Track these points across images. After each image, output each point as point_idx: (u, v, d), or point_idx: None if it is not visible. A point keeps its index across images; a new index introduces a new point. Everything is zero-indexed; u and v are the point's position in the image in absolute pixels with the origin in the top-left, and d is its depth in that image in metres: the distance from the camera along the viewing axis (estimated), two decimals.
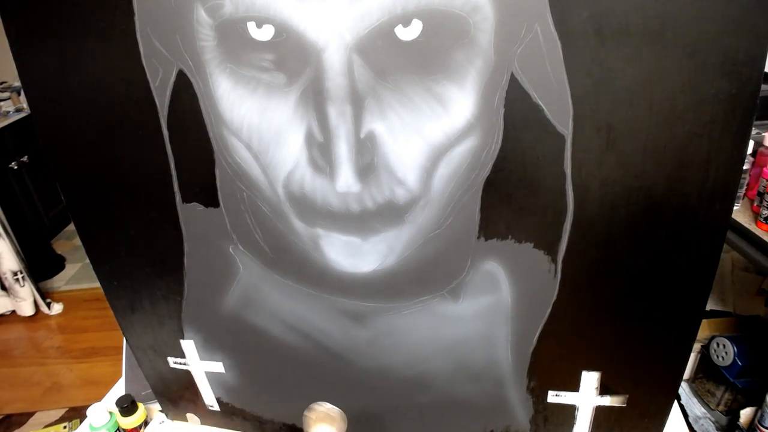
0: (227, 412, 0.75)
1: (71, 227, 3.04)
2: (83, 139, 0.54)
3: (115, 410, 0.76)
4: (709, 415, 1.36)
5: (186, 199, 0.56)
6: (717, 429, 1.33)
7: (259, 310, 0.62)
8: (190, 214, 0.57)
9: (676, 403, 0.68)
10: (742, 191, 1.17)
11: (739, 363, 1.24)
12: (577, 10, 0.39)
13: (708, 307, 1.48)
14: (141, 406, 0.77)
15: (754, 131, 1.16)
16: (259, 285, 0.60)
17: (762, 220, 1.06)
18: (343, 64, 0.43)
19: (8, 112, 2.68)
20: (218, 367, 0.70)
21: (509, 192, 0.48)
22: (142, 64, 0.48)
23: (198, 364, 0.70)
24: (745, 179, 1.16)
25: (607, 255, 0.50)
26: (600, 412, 0.61)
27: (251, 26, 0.44)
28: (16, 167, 2.56)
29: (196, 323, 0.66)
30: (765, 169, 1.07)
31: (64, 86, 0.51)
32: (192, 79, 0.48)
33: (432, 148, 0.46)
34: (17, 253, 2.24)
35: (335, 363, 0.63)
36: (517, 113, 0.44)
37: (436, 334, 0.59)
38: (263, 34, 0.44)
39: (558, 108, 0.43)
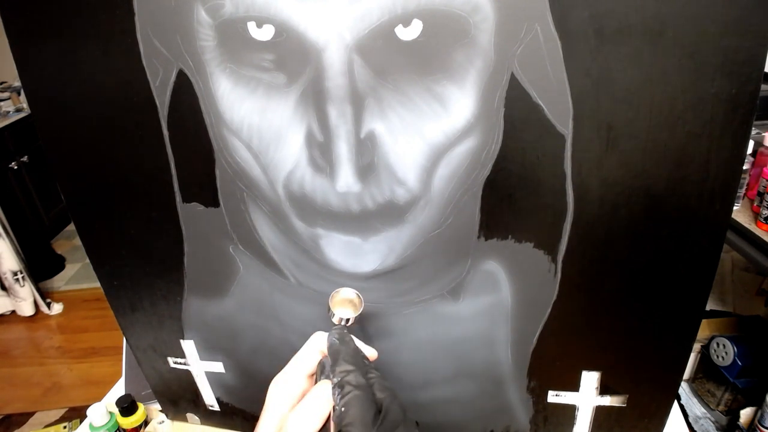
0: (227, 412, 0.75)
1: (71, 227, 3.04)
2: (83, 139, 0.55)
3: (115, 410, 0.76)
4: (709, 415, 1.36)
5: (186, 199, 0.56)
6: (717, 429, 1.33)
7: (259, 310, 0.62)
8: (190, 214, 0.57)
9: (676, 403, 0.68)
10: (742, 191, 1.17)
11: (739, 363, 1.24)
12: (577, 10, 0.39)
13: (708, 307, 1.48)
14: (141, 406, 0.77)
15: (754, 131, 1.16)
16: (259, 285, 0.60)
17: (762, 220, 1.06)
18: (343, 63, 0.43)
19: (8, 112, 2.69)
20: (218, 367, 0.70)
21: (509, 192, 0.48)
22: (142, 64, 0.48)
23: (198, 364, 0.70)
24: (745, 179, 1.16)
25: (607, 255, 0.50)
26: (600, 412, 0.61)
27: (251, 26, 0.44)
28: (16, 167, 2.56)
29: (196, 323, 0.66)
30: (765, 169, 1.07)
31: (64, 86, 0.51)
32: (192, 79, 0.48)
33: (432, 148, 0.46)
34: (17, 253, 2.24)
35: None
36: (517, 113, 0.44)
37: (436, 334, 0.59)
38: (263, 34, 0.44)
39: (558, 108, 0.43)
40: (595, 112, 0.43)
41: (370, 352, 0.47)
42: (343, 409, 0.37)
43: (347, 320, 0.49)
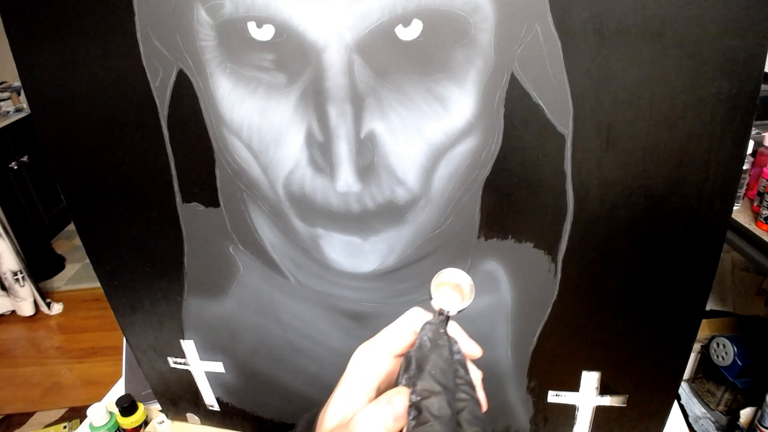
0: (227, 412, 0.75)
1: (71, 227, 3.04)
2: (83, 138, 0.55)
3: (115, 410, 0.76)
4: (709, 415, 1.36)
5: (186, 199, 0.56)
6: (717, 429, 1.33)
7: (259, 310, 0.62)
8: (190, 214, 0.57)
9: (676, 403, 0.68)
10: (742, 191, 1.17)
11: (739, 363, 1.24)
12: (577, 10, 0.39)
13: (708, 307, 1.48)
14: (141, 406, 0.77)
15: (754, 131, 1.16)
16: (259, 285, 0.60)
17: (762, 220, 1.06)
18: (343, 63, 0.43)
19: (8, 112, 2.68)
20: (218, 367, 0.70)
21: (509, 192, 0.48)
22: (142, 64, 0.48)
23: (198, 364, 0.70)
24: (745, 179, 1.16)
25: (607, 255, 0.50)
26: (600, 412, 0.61)
27: (251, 26, 0.44)
28: (16, 167, 2.56)
29: (196, 323, 0.66)
30: (765, 169, 1.07)
31: (64, 86, 0.51)
32: (192, 79, 0.48)
33: (432, 147, 0.46)
34: (17, 253, 2.24)
35: (336, 363, 0.63)
36: (517, 113, 0.44)
37: None
38: (263, 34, 0.44)
39: (558, 108, 0.43)
40: (595, 112, 0.43)
41: (473, 350, 0.37)
42: None
43: (448, 312, 0.37)
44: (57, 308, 2.38)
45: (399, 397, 0.32)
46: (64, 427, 1.72)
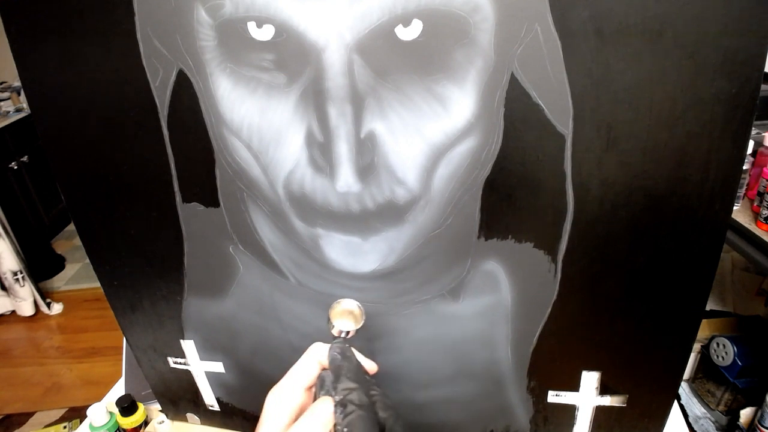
0: (227, 412, 0.75)
1: (71, 227, 3.04)
2: (83, 139, 0.55)
3: (115, 410, 0.76)
4: (709, 415, 1.36)
5: (186, 199, 0.56)
6: (717, 429, 1.33)
7: (259, 310, 0.62)
8: (190, 214, 0.57)
9: (676, 403, 0.68)
10: (742, 191, 1.17)
11: (739, 363, 1.24)
12: (577, 10, 0.39)
13: (708, 307, 1.48)
14: (141, 406, 0.77)
15: (754, 131, 1.16)
16: (259, 285, 0.60)
17: (762, 220, 1.06)
18: (343, 64, 0.43)
19: (8, 112, 2.69)
20: (218, 367, 0.70)
21: (509, 192, 0.48)
22: (142, 64, 0.49)
23: (198, 364, 0.70)
24: (745, 179, 1.16)
25: (607, 255, 0.50)
26: (600, 412, 0.61)
27: (251, 26, 0.44)
28: (16, 167, 2.56)
29: (196, 323, 0.66)
30: (765, 169, 1.07)
31: (64, 86, 0.51)
32: (192, 79, 0.48)
33: (432, 147, 0.46)
34: (17, 253, 2.24)
35: None
36: (517, 113, 0.44)
37: (436, 334, 0.59)
38: (263, 34, 0.44)
39: (558, 108, 0.43)
40: (595, 112, 0.43)
41: (371, 366, 0.45)
42: (345, 429, 0.36)
43: (347, 333, 0.48)
44: (57, 308, 2.39)
45: (321, 405, 0.38)
46: (64, 427, 1.73)
